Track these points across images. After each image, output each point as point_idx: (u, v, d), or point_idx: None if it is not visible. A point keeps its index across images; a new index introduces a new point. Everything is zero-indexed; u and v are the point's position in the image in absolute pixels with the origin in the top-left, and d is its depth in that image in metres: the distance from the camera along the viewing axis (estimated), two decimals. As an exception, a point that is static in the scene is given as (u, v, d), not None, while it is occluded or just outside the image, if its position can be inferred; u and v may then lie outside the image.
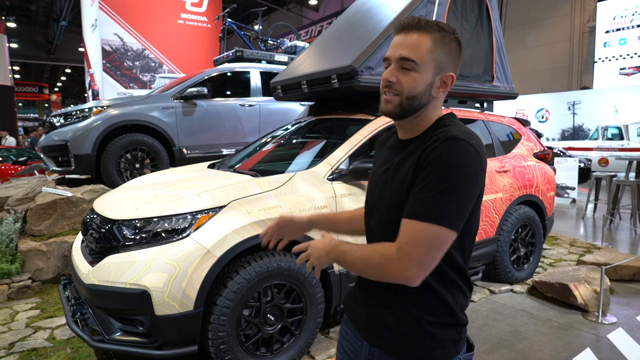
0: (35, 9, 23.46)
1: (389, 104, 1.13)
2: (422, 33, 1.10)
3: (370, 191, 1.27)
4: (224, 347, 2.41)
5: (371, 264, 1.05)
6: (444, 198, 0.99)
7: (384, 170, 1.20)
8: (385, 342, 1.15)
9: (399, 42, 1.12)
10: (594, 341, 3.07)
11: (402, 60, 1.10)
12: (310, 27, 23.88)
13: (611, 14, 15.78)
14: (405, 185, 1.07)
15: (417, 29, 1.10)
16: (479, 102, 4.35)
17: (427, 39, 1.10)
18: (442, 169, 1.00)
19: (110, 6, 10.72)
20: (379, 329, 1.16)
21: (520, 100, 5.58)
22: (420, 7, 3.55)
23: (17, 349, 2.99)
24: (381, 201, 1.18)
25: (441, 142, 1.02)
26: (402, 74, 1.11)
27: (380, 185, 1.20)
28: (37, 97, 34.33)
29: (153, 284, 2.26)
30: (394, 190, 1.12)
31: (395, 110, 1.12)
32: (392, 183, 1.14)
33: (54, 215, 4.38)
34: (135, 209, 2.57)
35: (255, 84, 5.95)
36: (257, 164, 3.59)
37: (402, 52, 1.10)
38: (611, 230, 6.62)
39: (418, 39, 1.10)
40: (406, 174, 1.08)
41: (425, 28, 1.10)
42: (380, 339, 1.16)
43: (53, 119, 5.04)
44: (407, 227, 1.02)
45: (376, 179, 1.24)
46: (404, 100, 1.11)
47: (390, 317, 1.14)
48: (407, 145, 1.16)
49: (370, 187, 1.28)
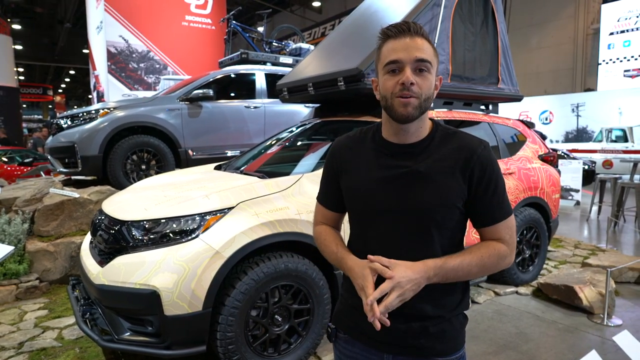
0: (40, 12, 23.58)
1: (409, 107, 1.11)
2: (424, 39, 1.14)
3: (371, 198, 1.19)
4: (232, 348, 2.43)
5: (489, 266, 1.17)
6: (506, 195, 1.21)
7: (397, 175, 1.17)
8: (414, 347, 1.17)
9: (409, 45, 1.11)
10: (600, 343, 3.08)
11: (418, 62, 1.11)
12: (314, 29, 23.93)
13: (615, 16, 15.77)
14: (455, 188, 1.15)
15: (420, 35, 1.14)
16: (484, 104, 4.36)
17: (429, 44, 1.15)
18: (497, 173, 1.18)
19: (116, 8, 10.78)
20: (410, 338, 1.16)
21: (524, 102, 5.59)
22: (426, 10, 3.57)
23: (27, 348, 3.02)
24: (409, 204, 1.15)
25: (483, 149, 1.17)
26: (417, 76, 1.12)
27: (398, 190, 1.16)
28: (41, 99, 34.44)
29: (162, 284, 2.29)
30: (435, 193, 1.14)
31: (415, 113, 1.12)
32: (427, 186, 1.14)
33: (61, 216, 4.42)
34: (144, 210, 2.59)
35: (261, 85, 5.97)
36: (264, 166, 3.62)
37: (418, 54, 1.11)
38: (615, 232, 6.62)
39: (423, 42, 1.13)
40: (450, 177, 1.15)
41: (424, 34, 1.15)
42: (413, 347, 1.17)
43: (60, 121, 5.07)
44: (505, 226, 1.19)
45: (380, 185, 1.18)
46: (422, 102, 1.13)
47: (418, 322, 1.16)
48: (420, 148, 1.18)
49: (369, 194, 1.20)
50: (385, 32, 1.17)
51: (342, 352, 1.30)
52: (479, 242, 1.21)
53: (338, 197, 1.32)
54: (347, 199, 1.28)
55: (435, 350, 1.17)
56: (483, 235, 1.22)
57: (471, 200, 1.17)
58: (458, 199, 1.15)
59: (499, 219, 1.18)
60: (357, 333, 1.24)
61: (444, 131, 1.22)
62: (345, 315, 1.29)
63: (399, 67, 1.12)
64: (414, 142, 1.19)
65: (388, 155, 1.21)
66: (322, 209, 1.38)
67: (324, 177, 1.37)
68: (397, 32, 1.14)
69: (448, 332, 1.18)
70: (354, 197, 1.25)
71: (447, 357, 1.19)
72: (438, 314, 1.17)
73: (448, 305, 1.18)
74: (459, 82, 3.90)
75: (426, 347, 1.17)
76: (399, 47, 1.12)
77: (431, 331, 1.16)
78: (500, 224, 1.18)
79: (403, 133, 1.19)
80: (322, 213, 1.38)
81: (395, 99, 1.12)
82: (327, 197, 1.36)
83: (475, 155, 1.15)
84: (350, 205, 1.28)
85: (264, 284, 2.52)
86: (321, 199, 1.39)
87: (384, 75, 1.15)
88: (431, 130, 1.21)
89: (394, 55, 1.12)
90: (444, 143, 1.19)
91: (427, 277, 1.08)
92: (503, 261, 1.17)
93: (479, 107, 4.31)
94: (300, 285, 2.67)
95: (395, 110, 1.13)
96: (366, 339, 1.22)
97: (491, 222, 1.18)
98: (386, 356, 1.20)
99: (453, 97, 3.95)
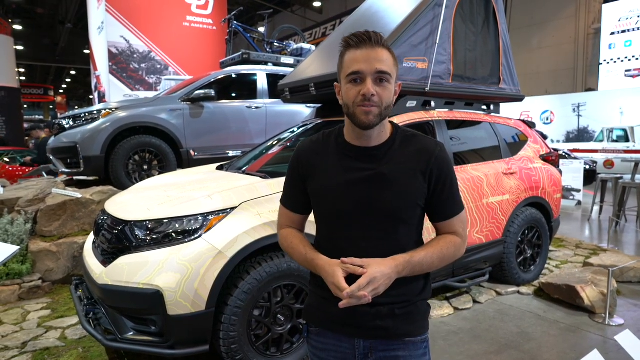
0: (41, 12, 23.62)
1: (370, 115, 1.18)
2: (384, 48, 1.20)
3: (339, 200, 1.25)
4: (235, 347, 2.44)
5: (448, 257, 1.27)
6: (459, 192, 1.32)
7: (363, 177, 1.24)
8: (383, 328, 1.24)
9: (370, 56, 1.18)
10: (601, 342, 3.09)
11: (379, 74, 1.18)
12: (314, 29, 23.94)
13: (616, 16, 15.76)
14: (417, 187, 1.24)
15: (380, 45, 1.20)
16: (486, 104, 4.37)
17: (389, 53, 1.21)
18: (451, 171, 1.29)
19: (117, 9, 10.78)
20: (378, 320, 1.23)
21: (525, 102, 5.60)
22: (428, 10, 3.58)
23: (30, 348, 3.03)
24: (377, 205, 1.23)
25: (440, 150, 1.27)
26: (378, 86, 1.19)
27: (364, 192, 1.23)
28: (42, 99, 34.48)
29: (166, 284, 2.30)
30: (400, 193, 1.23)
31: (376, 121, 1.20)
32: (392, 187, 1.22)
33: (63, 216, 4.43)
34: (147, 210, 2.60)
35: (262, 86, 5.98)
36: (265, 166, 3.62)
37: (378, 65, 1.17)
38: (617, 232, 6.62)
39: (383, 53, 1.20)
40: (412, 178, 1.24)
41: (384, 44, 1.21)
42: (381, 328, 1.24)
43: (62, 121, 5.09)
44: (459, 220, 1.31)
45: (345, 187, 1.24)
46: (382, 110, 1.20)
47: (385, 306, 1.24)
48: (382, 151, 1.27)
49: (337, 196, 1.25)
50: (347, 41, 1.22)
51: (314, 346, 1.36)
52: (436, 237, 1.32)
53: (303, 200, 1.38)
54: (315, 202, 1.34)
55: (403, 331, 1.26)
56: (439, 229, 1.33)
57: (430, 198, 1.28)
58: (420, 198, 1.26)
59: (454, 214, 1.30)
60: (328, 323, 1.31)
61: (403, 134, 1.31)
62: (315, 308, 1.35)
63: (360, 78, 1.19)
64: (377, 145, 1.27)
65: (352, 158, 1.28)
66: (286, 212, 1.42)
67: (288, 181, 1.42)
68: (358, 42, 1.19)
69: (413, 315, 1.27)
70: (322, 199, 1.31)
71: (414, 338, 1.28)
72: (404, 299, 1.26)
73: (412, 290, 1.28)
74: (461, 82, 3.90)
75: (394, 329, 1.25)
76: (360, 57, 1.18)
77: (397, 313, 1.25)
78: (455, 218, 1.30)
79: (365, 137, 1.26)
80: (287, 216, 1.42)
81: (357, 107, 1.19)
82: (291, 200, 1.41)
83: (434, 157, 1.25)
84: (318, 208, 1.34)
85: (267, 283, 2.53)
86: (285, 202, 1.43)
87: (347, 84, 1.21)
88: (392, 134, 1.30)
89: (355, 66, 1.18)
90: (404, 145, 1.28)
91: (397, 271, 1.17)
92: (458, 252, 1.30)
93: (480, 107, 4.32)
94: (302, 285, 2.67)
95: (358, 118, 1.20)
96: (337, 326, 1.28)
97: (447, 216, 1.30)
98: (357, 341, 1.26)
99: (454, 97, 3.96)
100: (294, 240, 1.36)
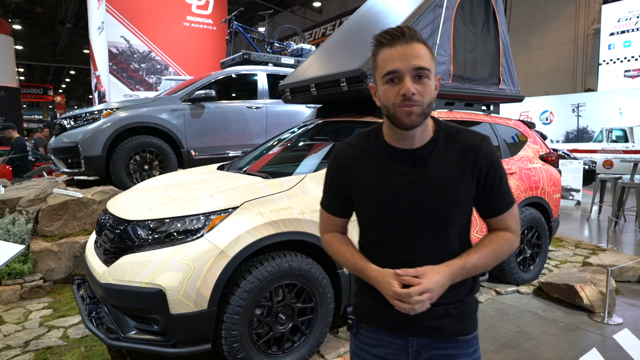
0: (40, 12, 23.62)
1: (413, 115, 1.13)
2: (419, 42, 1.14)
3: (386, 206, 1.22)
4: (237, 346, 2.46)
5: (502, 255, 1.24)
6: (508, 185, 1.28)
7: (409, 182, 1.20)
8: (438, 328, 1.23)
9: (406, 53, 1.11)
10: (600, 341, 3.11)
11: (417, 70, 1.12)
12: (314, 29, 23.96)
13: (616, 16, 15.78)
14: (466, 188, 1.21)
15: (415, 39, 1.13)
16: (485, 104, 4.39)
17: (425, 47, 1.15)
18: (500, 165, 1.24)
19: (117, 9, 10.79)
20: (433, 320, 1.22)
21: (525, 102, 5.62)
22: (428, 11, 3.60)
23: (32, 347, 3.04)
24: (425, 209, 1.19)
25: (486, 145, 1.23)
26: (417, 84, 1.12)
27: (412, 197, 1.19)
28: (41, 99, 34.44)
29: (168, 283, 2.31)
30: (449, 196, 1.20)
31: (419, 120, 1.15)
32: (440, 191, 1.19)
33: (65, 216, 4.44)
34: (149, 210, 2.62)
35: (262, 86, 6.00)
36: (266, 166, 3.64)
37: (416, 62, 1.11)
38: (616, 232, 6.64)
39: (420, 47, 1.13)
40: (460, 178, 1.20)
41: (419, 38, 1.14)
42: (436, 328, 1.23)
43: (63, 121, 5.10)
44: (510, 215, 1.27)
45: (391, 193, 1.21)
46: (425, 108, 1.14)
47: (441, 307, 1.21)
48: (426, 152, 1.21)
49: (384, 202, 1.22)
50: (378, 39, 1.16)
51: (365, 341, 1.32)
52: (488, 234, 1.29)
53: (344, 204, 1.34)
54: (361, 207, 1.30)
55: (457, 330, 1.25)
56: (491, 225, 1.30)
57: (479, 195, 1.24)
58: (469, 198, 1.23)
59: (505, 209, 1.26)
60: (381, 322, 1.28)
61: (447, 130, 1.25)
62: (367, 306, 1.32)
63: (398, 77, 1.12)
64: (420, 147, 1.21)
65: (397, 162, 1.22)
66: (328, 216, 1.39)
67: (328, 186, 1.37)
68: (391, 39, 1.13)
69: (467, 313, 1.26)
70: (368, 205, 1.27)
71: (467, 336, 1.27)
72: (456, 299, 1.24)
73: (464, 289, 1.26)
74: (461, 82, 3.92)
75: (448, 328, 1.23)
76: (395, 55, 1.12)
77: (452, 313, 1.23)
78: (506, 213, 1.26)
79: (408, 138, 1.20)
80: (329, 220, 1.39)
81: (398, 108, 1.13)
82: (334, 205, 1.37)
83: (481, 153, 1.21)
84: (363, 213, 1.30)
85: (268, 282, 2.54)
86: (327, 206, 1.39)
87: (384, 85, 1.15)
88: (434, 131, 1.24)
89: (391, 65, 1.12)
90: (449, 143, 1.23)
91: (451, 278, 1.15)
92: (512, 248, 1.27)
93: (480, 107, 4.34)
94: (303, 284, 2.69)
95: (400, 120, 1.14)
96: (390, 325, 1.26)
97: (498, 212, 1.26)
98: (411, 339, 1.25)
99: (454, 97, 3.98)
100: (341, 247, 1.32)
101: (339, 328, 3.27)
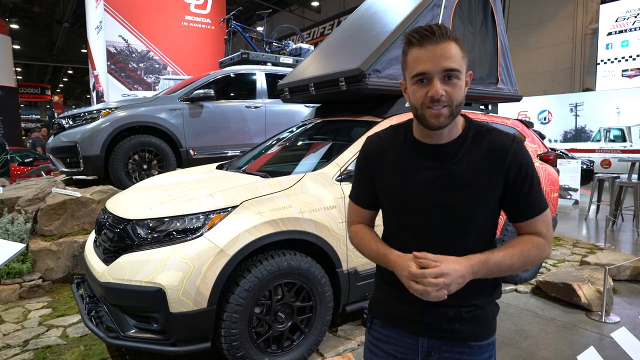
0: (38, 11, 23.56)
1: (441, 117, 1.12)
2: (450, 41, 1.11)
3: (408, 200, 1.22)
4: (236, 344, 2.47)
5: (530, 259, 1.18)
6: (541, 189, 1.22)
7: (433, 177, 1.19)
8: (449, 331, 1.21)
9: (435, 54, 1.09)
10: (598, 340, 3.12)
11: (447, 72, 1.10)
12: (312, 28, 23.96)
13: (614, 16, 15.83)
14: (490, 188, 1.18)
15: (446, 38, 1.11)
16: (484, 104, 4.40)
17: (456, 46, 1.12)
18: (531, 167, 1.19)
19: (115, 8, 10.78)
20: (445, 322, 1.21)
21: (523, 101, 5.63)
22: (426, 10, 3.61)
23: (32, 346, 3.05)
24: (447, 206, 1.18)
25: (517, 146, 1.18)
26: (446, 85, 1.11)
27: (434, 192, 1.19)
28: (39, 99, 34.36)
29: (168, 282, 2.32)
30: (472, 194, 1.17)
31: (447, 122, 1.14)
32: (464, 188, 1.17)
33: (63, 215, 4.44)
34: (149, 209, 2.62)
35: (261, 85, 6.00)
36: (265, 165, 3.65)
37: (445, 63, 1.09)
38: (614, 231, 6.67)
39: (450, 47, 1.11)
40: (485, 178, 1.17)
41: (450, 36, 1.12)
42: (448, 331, 1.21)
43: (62, 121, 5.09)
44: (542, 219, 1.21)
45: (418, 186, 1.21)
46: (454, 109, 1.13)
47: (453, 308, 1.20)
48: (453, 148, 1.20)
49: (406, 196, 1.22)
50: (408, 39, 1.14)
51: (377, 337, 1.33)
52: (517, 237, 1.24)
53: (372, 196, 1.34)
54: (385, 199, 1.30)
55: (469, 335, 1.22)
56: (520, 230, 1.24)
57: (507, 197, 1.20)
58: (494, 198, 1.20)
59: (535, 214, 1.20)
60: (393, 319, 1.29)
61: (477, 129, 1.23)
62: (382, 303, 1.33)
63: (427, 78, 1.11)
64: (447, 143, 1.20)
65: (423, 157, 1.22)
66: (356, 207, 1.39)
67: (357, 177, 1.37)
68: (420, 39, 1.11)
69: (482, 319, 1.23)
70: (392, 197, 1.27)
71: (480, 342, 1.24)
72: (472, 303, 1.21)
73: (481, 293, 1.22)
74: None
75: (460, 332, 1.21)
76: (424, 57, 1.10)
77: (465, 317, 1.21)
78: (537, 217, 1.20)
79: (436, 136, 1.20)
80: (357, 212, 1.39)
81: (426, 110, 1.13)
82: (361, 197, 1.37)
83: (510, 154, 1.17)
84: (388, 205, 1.30)
85: (268, 281, 2.55)
86: (355, 198, 1.39)
87: (413, 85, 1.15)
88: (464, 129, 1.22)
89: (420, 67, 1.11)
90: (477, 142, 1.21)
91: (472, 271, 1.10)
92: (543, 254, 1.20)
93: (478, 107, 4.35)
94: (303, 283, 2.70)
95: (427, 121, 1.14)
96: (403, 323, 1.26)
97: (528, 216, 1.21)
98: (421, 339, 1.24)
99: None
100: (365, 236, 1.32)
101: (338, 327, 3.28)
